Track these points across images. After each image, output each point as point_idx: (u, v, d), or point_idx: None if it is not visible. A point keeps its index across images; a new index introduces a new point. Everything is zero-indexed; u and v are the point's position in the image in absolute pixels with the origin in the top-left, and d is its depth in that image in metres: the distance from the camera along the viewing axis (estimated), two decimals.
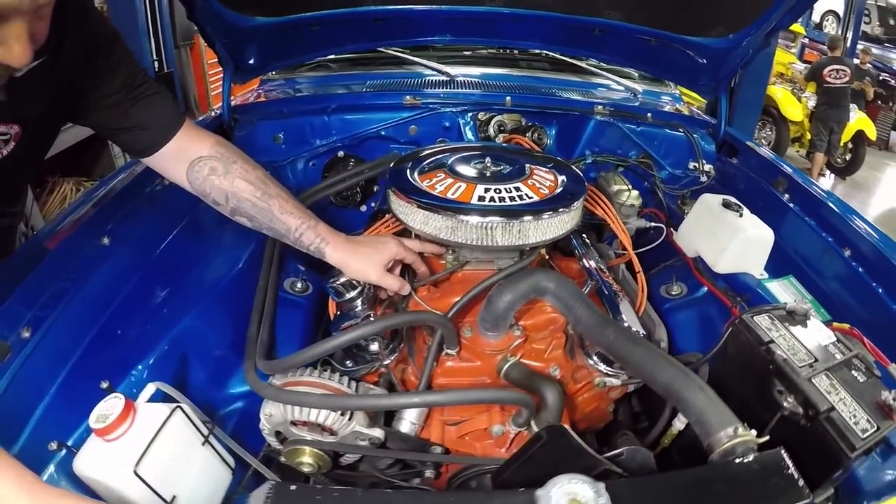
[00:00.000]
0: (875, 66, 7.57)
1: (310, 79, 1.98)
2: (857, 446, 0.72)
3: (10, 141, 0.87)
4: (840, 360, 0.86)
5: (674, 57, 1.57)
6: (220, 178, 0.99)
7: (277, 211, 1.01)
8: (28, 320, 0.85)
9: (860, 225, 1.17)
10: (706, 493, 0.59)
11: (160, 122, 0.98)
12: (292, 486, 0.56)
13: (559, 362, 1.04)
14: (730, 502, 0.58)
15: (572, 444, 0.65)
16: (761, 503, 0.58)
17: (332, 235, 1.03)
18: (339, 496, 0.54)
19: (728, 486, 0.60)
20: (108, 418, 0.74)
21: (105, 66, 0.91)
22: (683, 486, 0.59)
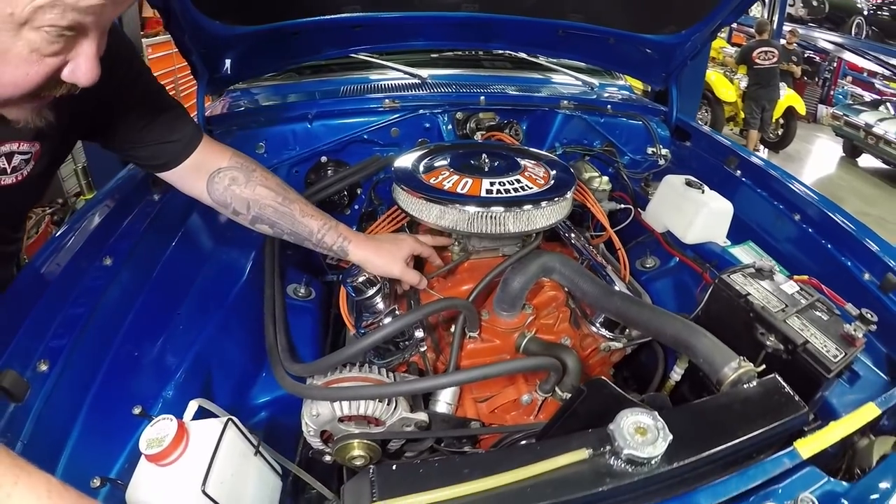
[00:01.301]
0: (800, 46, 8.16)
1: (277, 87, 1.98)
2: (832, 369, 0.88)
3: (30, 160, 0.86)
4: (805, 304, 1.02)
5: (630, 53, 1.73)
6: (242, 187, 1.01)
7: (299, 215, 1.04)
8: (42, 352, 0.82)
9: (805, 192, 1.36)
10: (728, 412, 0.71)
11: (183, 135, 0.98)
12: (393, 466, 0.61)
13: (568, 333, 1.15)
14: (747, 417, 0.70)
15: (613, 393, 0.75)
16: (770, 416, 0.71)
17: (353, 234, 1.07)
18: (439, 465, 0.60)
19: (743, 406, 0.73)
20: (163, 442, 0.71)
21: (126, 79, 0.90)
22: (711, 409, 0.72)
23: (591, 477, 0.58)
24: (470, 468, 0.58)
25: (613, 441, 0.59)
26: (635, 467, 0.60)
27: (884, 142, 6.72)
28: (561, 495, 0.56)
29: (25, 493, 0.53)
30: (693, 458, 0.62)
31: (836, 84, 9.21)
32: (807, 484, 0.69)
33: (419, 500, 0.55)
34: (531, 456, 0.59)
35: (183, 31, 1.37)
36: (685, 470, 0.62)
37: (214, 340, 1.08)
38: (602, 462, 0.60)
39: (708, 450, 0.64)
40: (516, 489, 0.56)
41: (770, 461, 0.66)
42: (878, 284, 1.11)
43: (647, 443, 0.59)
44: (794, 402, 0.76)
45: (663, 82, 1.86)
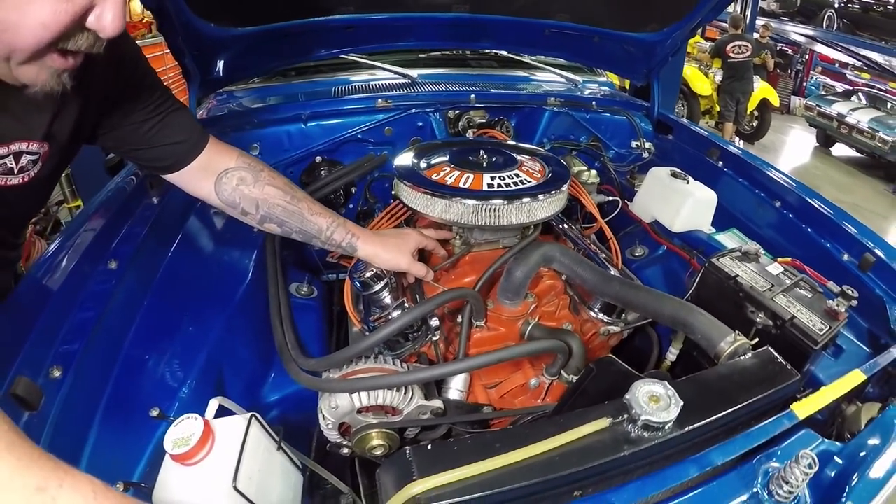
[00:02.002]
0: (773, 39, 8.38)
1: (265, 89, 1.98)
2: (819, 341, 0.94)
3: (38, 161, 0.84)
4: (790, 283, 1.09)
5: (614, 51, 1.79)
6: (250, 186, 1.02)
7: (307, 213, 1.05)
8: (54, 358, 0.81)
9: (784, 180, 1.44)
10: (729, 381, 0.77)
11: (191, 135, 0.98)
12: (428, 446, 0.64)
13: (569, 319, 1.20)
14: (745, 385, 0.76)
15: (621, 370, 0.80)
16: (766, 384, 0.77)
17: (360, 230, 1.10)
18: (472, 441, 0.64)
19: (741, 375, 0.78)
20: (189, 441, 0.70)
21: (133, 79, 0.90)
22: (713, 379, 0.78)
23: (612, 444, 0.63)
24: (500, 443, 0.62)
25: (630, 409, 0.64)
26: (651, 433, 0.65)
27: (856, 131, 6.96)
28: (586, 462, 0.60)
29: (71, 494, 0.52)
30: (702, 423, 0.67)
31: (808, 76, 9.51)
32: (803, 444, 0.75)
33: (458, 475, 0.58)
34: (555, 428, 0.63)
35: (177, 33, 1.37)
36: (695, 434, 0.67)
37: (224, 340, 1.08)
38: (621, 430, 0.64)
39: (714, 414, 0.69)
40: (545, 459, 0.60)
41: (771, 422, 0.72)
42: (857, 264, 1.19)
43: (660, 409, 0.64)
44: (786, 370, 0.82)
45: (645, 78, 1.93)
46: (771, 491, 0.69)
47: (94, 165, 3.21)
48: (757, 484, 0.70)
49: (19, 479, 0.50)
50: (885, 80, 8.36)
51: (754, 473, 0.71)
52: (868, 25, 8.61)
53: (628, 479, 0.64)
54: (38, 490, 0.50)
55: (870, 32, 8.51)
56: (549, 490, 0.60)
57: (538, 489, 0.59)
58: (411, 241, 1.11)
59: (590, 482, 0.63)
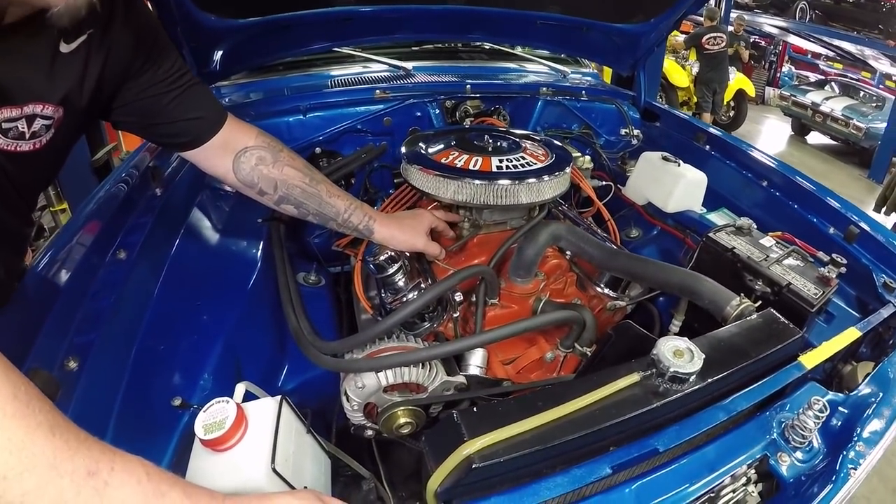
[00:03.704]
0: (746, 31, 8.58)
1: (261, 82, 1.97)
2: (815, 304, 1.00)
3: (51, 127, 0.79)
4: (783, 254, 1.16)
5: (602, 42, 1.85)
6: (269, 166, 1.00)
7: (326, 195, 1.05)
8: (69, 349, 0.79)
9: (769, 161, 1.51)
10: (740, 337, 0.82)
11: (210, 112, 0.96)
12: (474, 409, 0.67)
13: (577, 295, 1.25)
14: (755, 341, 0.82)
15: (639, 333, 0.84)
16: (774, 340, 0.82)
17: (376, 213, 1.11)
18: (515, 402, 0.67)
19: (749, 333, 0.84)
20: (223, 424, 0.69)
21: (154, 50, 0.88)
22: (725, 337, 0.82)
23: (644, 396, 0.67)
24: (542, 401, 0.65)
25: (658, 363, 0.68)
26: (677, 385, 0.69)
27: (830, 119, 7.26)
28: (623, 414, 0.64)
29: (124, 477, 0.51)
30: (723, 374, 0.72)
31: (781, 67, 9.81)
32: (811, 395, 0.81)
33: (506, 433, 0.61)
34: (592, 385, 0.67)
35: (176, 24, 1.36)
36: (716, 386, 0.72)
37: (239, 329, 1.08)
38: (650, 383, 0.69)
39: (732, 367, 0.74)
40: (585, 413, 0.64)
41: (782, 372, 0.77)
42: (843, 236, 1.26)
43: (685, 362, 0.68)
44: (790, 328, 0.88)
45: (631, 68, 2.00)
46: (787, 437, 0.75)
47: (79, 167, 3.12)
48: (773, 432, 0.75)
49: (69, 464, 0.48)
50: (857, 69, 8.68)
51: (769, 424, 0.76)
52: (840, 16, 8.91)
53: (659, 429, 0.68)
54: (89, 475, 0.49)
55: (842, 23, 8.80)
56: (592, 443, 0.63)
57: (581, 443, 0.62)
58: (426, 221, 1.13)
59: (625, 434, 0.66)
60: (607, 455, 0.64)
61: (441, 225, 1.19)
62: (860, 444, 0.76)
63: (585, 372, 0.92)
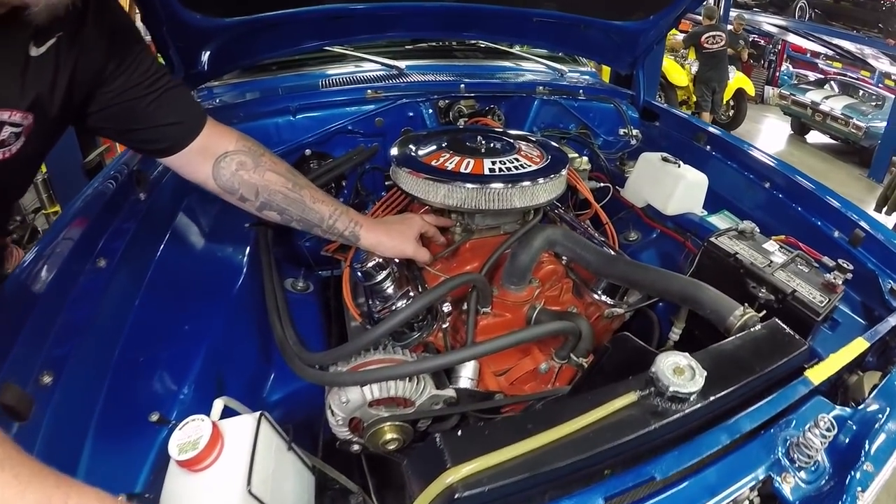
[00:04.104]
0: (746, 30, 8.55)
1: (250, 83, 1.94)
2: (821, 312, 0.96)
3: (21, 135, 0.75)
4: (787, 259, 1.12)
5: (600, 39, 1.80)
6: (250, 172, 0.96)
7: (309, 201, 1.01)
8: (44, 363, 0.76)
9: (771, 162, 1.47)
10: (744, 351, 0.78)
11: (188, 116, 0.92)
12: (458, 432, 0.62)
13: (573, 302, 1.21)
14: (760, 354, 0.77)
15: (637, 346, 0.80)
16: (779, 353, 0.78)
17: (362, 218, 1.06)
18: (502, 424, 0.62)
19: (754, 346, 0.80)
20: (198, 444, 0.66)
21: (128, 54, 0.84)
22: (728, 350, 0.78)
23: (641, 417, 0.63)
24: (532, 423, 0.61)
25: (657, 382, 0.64)
26: (677, 404, 0.65)
27: (830, 118, 7.21)
28: (620, 437, 0.60)
29: None
30: (726, 392, 0.67)
31: (780, 66, 9.77)
32: (818, 411, 0.77)
33: (492, 460, 0.57)
34: (586, 404, 0.63)
35: (161, 24, 1.33)
36: (719, 404, 0.68)
37: (222, 339, 1.04)
38: (649, 403, 0.65)
39: (736, 383, 0.69)
40: (580, 436, 0.60)
41: (788, 388, 0.73)
42: (848, 240, 1.22)
43: (686, 380, 0.64)
44: (795, 340, 0.83)
45: (630, 67, 1.95)
46: (792, 457, 0.71)
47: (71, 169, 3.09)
48: (778, 451, 0.71)
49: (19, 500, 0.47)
50: (856, 68, 8.64)
51: (774, 442, 0.72)
52: (840, 15, 8.86)
53: (657, 452, 0.64)
54: None
55: (841, 22, 8.76)
56: (585, 468, 0.59)
57: (575, 468, 0.58)
58: (415, 226, 1.09)
59: (621, 458, 0.62)
60: (601, 484, 0.59)
61: (431, 230, 1.14)
62: (868, 464, 0.72)
63: (581, 385, 0.88)
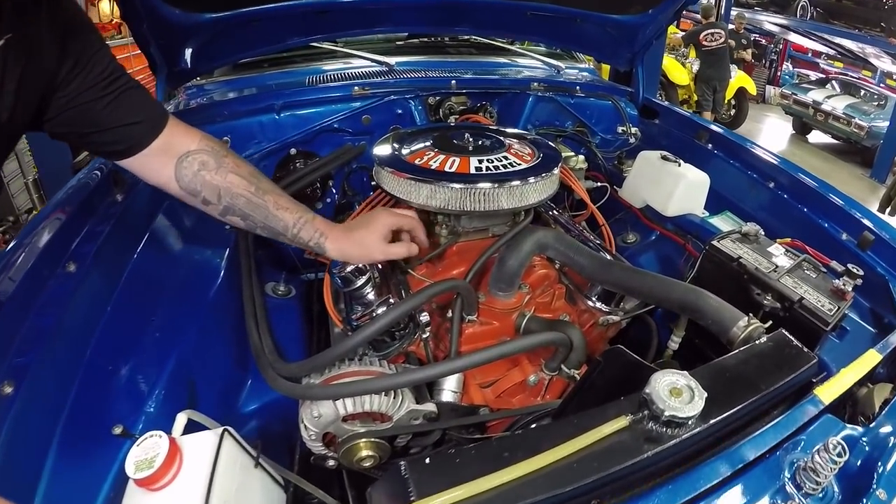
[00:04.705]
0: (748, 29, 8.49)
1: (236, 80, 1.88)
2: (830, 322, 0.90)
3: None
4: (794, 264, 1.05)
5: (597, 34, 1.74)
6: (212, 172, 0.89)
7: (273, 207, 0.91)
8: (6, 372, 0.73)
9: (775, 161, 1.40)
10: (748, 366, 0.72)
11: (148, 115, 0.86)
12: (426, 460, 0.56)
13: (566, 310, 1.14)
14: (765, 370, 0.71)
15: (631, 361, 0.73)
16: (786, 368, 0.72)
17: (329, 227, 0.95)
18: (476, 451, 0.56)
19: (760, 360, 0.73)
20: (153, 463, 0.63)
21: (83, 54, 0.79)
22: (731, 365, 0.72)
23: (633, 444, 0.56)
24: (509, 451, 0.54)
25: (651, 405, 0.58)
26: (674, 429, 0.58)
27: (832, 117, 7.13)
28: (608, 467, 0.54)
29: None
30: (727, 414, 0.61)
31: (782, 65, 9.70)
32: (827, 431, 0.70)
33: (462, 493, 0.50)
34: (571, 429, 0.56)
35: (141, 20, 1.28)
36: (719, 426, 0.61)
37: (195, 347, 1.00)
38: (641, 428, 0.58)
39: (739, 404, 0.63)
40: (562, 466, 0.53)
41: (796, 410, 0.67)
42: (856, 243, 1.15)
43: (684, 402, 0.58)
44: (804, 353, 0.77)
45: (629, 63, 1.89)
46: (798, 483, 0.64)
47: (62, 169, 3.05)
48: (784, 477, 0.64)
49: None
50: (857, 68, 8.56)
51: (780, 466, 0.66)
52: (841, 14, 8.78)
53: (650, 482, 0.58)
54: None
55: (843, 21, 8.68)
56: (568, 501, 0.52)
57: (557, 502, 0.52)
58: (379, 226, 0.95)
59: (610, 489, 0.56)
60: None
61: (406, 223, 0.99)
62: (881, 491, 0.65)
63: (570, 401, 0.81)
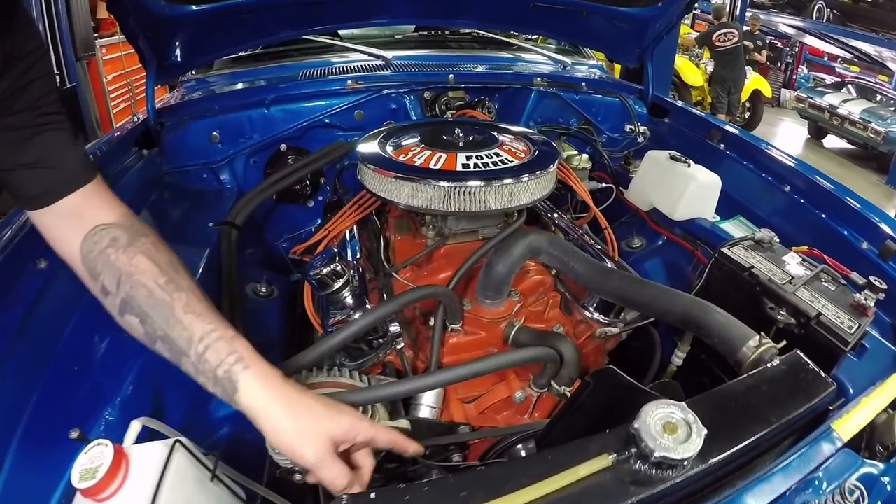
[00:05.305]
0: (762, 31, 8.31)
1: (232, 74, 1.84)
2: (850, 341, 0.80)
3: None
4: (811, 275, 0.95)
5: (604, 28, 1.65)
6: (119, 252, 0.69)
7: (180, 309, 0.68)
8: None
9: (792, 163, 1.30)
10: (757, 396, 0.63)
11: (68, 163, 0.70)
12: (371, 495, 0.49)
13: (560, 320, 1.06)
14: (776, 399, 0.62)
15: (624, 384, 0.65)
16: (800, 396, 0.63)
17: (255, 360, 0.66)
18: (429, 488, 0.48)
19: (771, 387, 0.64)
20: (96, 473, 0.59)
21: (22, 79, 0.67)
22: (738, 393, 0.63)
23: (616, 488, 0.48)
24: (468, 489, 0.47)
25: (640, 442, 0.49)
26: (665, 471, 0.50)
27: (848, 122, 6.94)
28: None
29: None
30: (729, 453, 0.52)
31: (797, 68, 9.50)
32: (844, 468, 0.61)
33: None
34: (543, 467, 0.48)
35: (127, 13, 1.24)
36: (719, 466, 0.53)
37: None
38: (627, 468, 0.50)
39: (744, 440, 0.54)
40: None
41: (809, 448, 0.58)
42: (878, 252, 1.05)
43: (678, 441, 0.49)
44: (821, 379, 0.68)
45: (638, 59, 1.79)
46: None
47: None
48: None
49: None
50: (873, 72, 8.35)
51: None
52: (858, 16, 8.57)
53: None
54: None
55: (860, 23, 8.47)
56: None
57: None
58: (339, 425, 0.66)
59: None
60: None
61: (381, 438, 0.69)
62: None
63: (556, 424, 0.73)
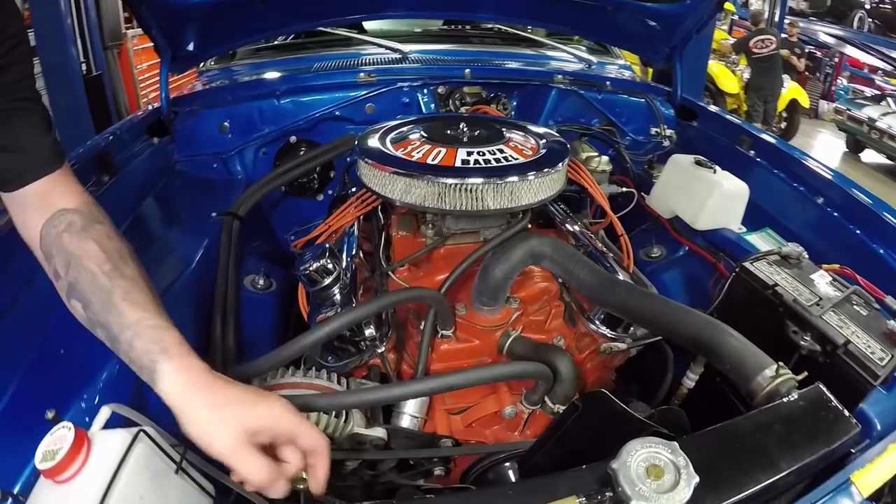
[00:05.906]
0: (801, 40, 8.09)
1: (250, 65, 1.83)
2: (880, 374, 0.71)
3: None
4: (841, 297, 0.86)
5: (630, 24, 1.57)
6: (73, 236, 0.70)
7: (119, 295, 0.66)
8: None
9: (828, 174, 1.20)
10: (768, 436, 0.55)
11: (37, 148, 0.71)
12: None
13: (562, 332, 0.99)
14: (791, 441, 0.54)
15: (616, 410, 0.58)
16: (818, 438, 0.55)
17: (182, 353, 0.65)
18: None
19: (785, 426, 0.57)
20: (56, 454, 0.60)
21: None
22: (745, 431, 0.55)
23: None
24: None
25: (616, 486, 0.43)
26: None
27: (888, 136, 6.62)
28: None
29: None
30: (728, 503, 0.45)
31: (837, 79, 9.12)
32: None
33: None
34: None
35: (140, 2, 1.23)
36: None
37: None
38: None
39: (742, 492, 0.47)
40: None
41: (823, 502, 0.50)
42: None
43: (662, 488, 0.42)
44: (844, 419, 0.60)
45: (666, 59, 1.69)
46: None
47: None
48: None
49: None
50: None
51: None
52: None
53: None
54: None
55: None
56: None
57: None
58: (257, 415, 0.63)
59: None
60: None
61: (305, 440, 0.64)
62: None
63: (541, 447, 0.66)
